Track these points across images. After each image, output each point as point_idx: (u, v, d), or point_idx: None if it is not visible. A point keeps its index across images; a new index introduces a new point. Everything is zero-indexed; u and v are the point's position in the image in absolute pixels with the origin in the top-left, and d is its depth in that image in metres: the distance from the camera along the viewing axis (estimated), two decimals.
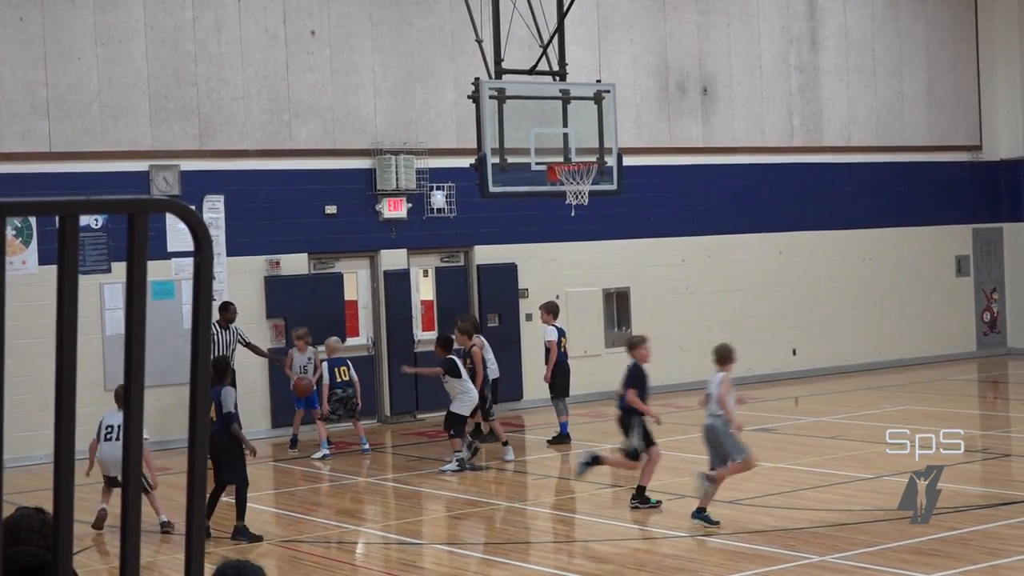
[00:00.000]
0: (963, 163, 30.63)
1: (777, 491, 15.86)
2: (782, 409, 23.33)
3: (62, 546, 2.16)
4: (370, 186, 23.34)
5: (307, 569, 13.26)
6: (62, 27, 21.00)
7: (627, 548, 13.71)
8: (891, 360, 28.75)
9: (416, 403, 23.62)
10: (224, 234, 22.08)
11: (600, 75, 24.27)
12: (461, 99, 22.55)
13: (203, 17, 22.06)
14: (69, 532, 2.16)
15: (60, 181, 20.62)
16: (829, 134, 28.70)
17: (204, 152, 22.06)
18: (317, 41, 22.99)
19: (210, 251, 2.22)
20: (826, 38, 28.64)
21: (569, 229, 24.11)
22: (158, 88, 21.69)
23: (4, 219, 2.11)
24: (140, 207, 2.19)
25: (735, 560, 12.57)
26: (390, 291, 23.60)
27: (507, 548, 13.90)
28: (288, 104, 22.74)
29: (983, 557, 12.26)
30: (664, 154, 26.40)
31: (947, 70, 30.36)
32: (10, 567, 4.16)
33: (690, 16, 26.85)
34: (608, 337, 25.22)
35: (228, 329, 20.68)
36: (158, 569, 13.37)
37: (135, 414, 2.21)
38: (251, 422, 22.01)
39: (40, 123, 20.86)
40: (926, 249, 29.96)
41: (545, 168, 19.60)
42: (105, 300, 21.06)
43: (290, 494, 18.07)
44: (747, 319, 27.24)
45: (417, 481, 18.07)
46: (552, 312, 20.76)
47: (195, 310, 2.28)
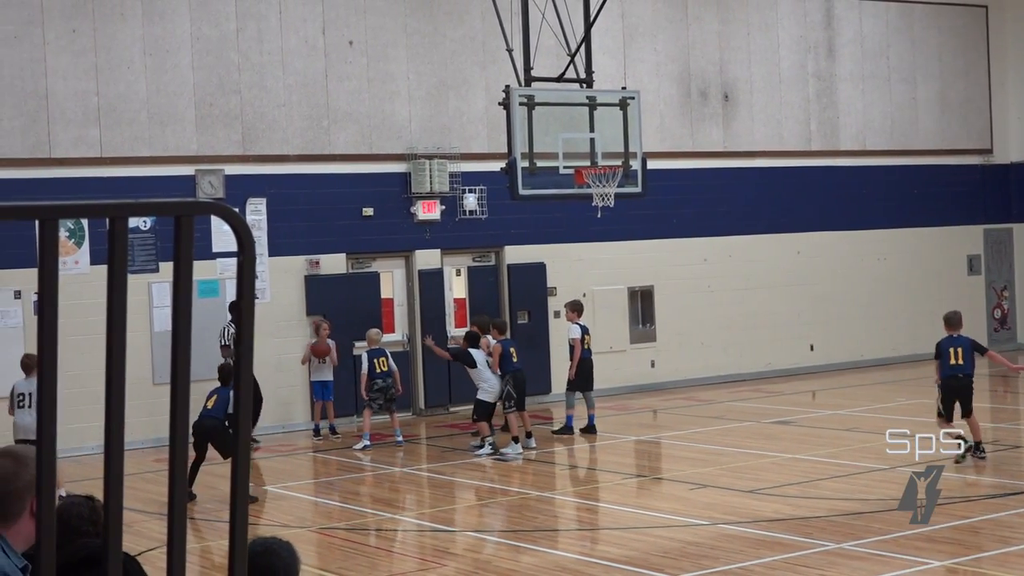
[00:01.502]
0: (974, 166, 30.63)
1: (795, 481, 15.97)
2: (800, 402, 23.52)
3: (112, 532, 2.15)
4: (405, 189, 23.51)
5: (344, 555, 13.33)
6: (112, 39, 21.22)
7: (651, 536, 13.70)
8: (905, 355, 28.70)
9: (449, 396, 23.90)
10: (266, 235, 22.29)
11: (625, 82, 24.47)
12: (492, 106, 22.78)
13: (246, 28, 22.24)
14: (119, 519, 2.16)
15: (110, 185, 20.82)
16: (845, 139, 28.74)
17: (247, 157, 22.24)
18: (354, 51, 23.13)
19: (252, 251, 2.23)
20: (842, 46, 28.68)
21: (595, 230, 24.27)
22: (203, 96, 21.89)
23: (57, 221, 2.09)
24: (186, 209, 2.18)
25: (755, 547, 12.57)
26: (424, 289, 23.82)
27: (535, 535, 13.91)
28: (327, 111, 22.89)
29: (993, 545, 12.31)
30: (687, 158, 26.52)
31: (959, 77, 30.35)
32: (75, 556, 4.26)
33: (711, 25, 26.94)
34: (633, 334, 25.37)
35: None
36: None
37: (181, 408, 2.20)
38: (289, 415, 22.74)
39: (91, 130, 21.06)
40: (938, 249, 30.00)
41: (572, 172, 19.80)
42: (153, 298, 21.23)
43: (328, 483, 18.26)
44: (766, 316, 27.40)
45: (450, 471, 18.21)
46: (577, 310, 20.96)
47: (238, 307, 2.30)
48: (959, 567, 11.63)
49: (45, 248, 2.09)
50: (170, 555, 2.22)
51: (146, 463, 18.37)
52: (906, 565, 11.75)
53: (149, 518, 14.95)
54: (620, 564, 12.36)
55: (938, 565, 11.69)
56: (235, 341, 2.31)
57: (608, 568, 12.24)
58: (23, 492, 3.80)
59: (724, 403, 23.84)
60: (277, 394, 22.23)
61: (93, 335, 19.38)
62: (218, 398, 17.14)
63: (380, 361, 20.42)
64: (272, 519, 15.10)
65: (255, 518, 14.73)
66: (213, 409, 16.86)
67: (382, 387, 20.38)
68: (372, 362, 20.36)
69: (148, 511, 15.34)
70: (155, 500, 16.07)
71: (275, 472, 18.79)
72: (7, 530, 3.83)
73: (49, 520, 2.12)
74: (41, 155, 20.79)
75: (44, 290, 2.08)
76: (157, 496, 16.37)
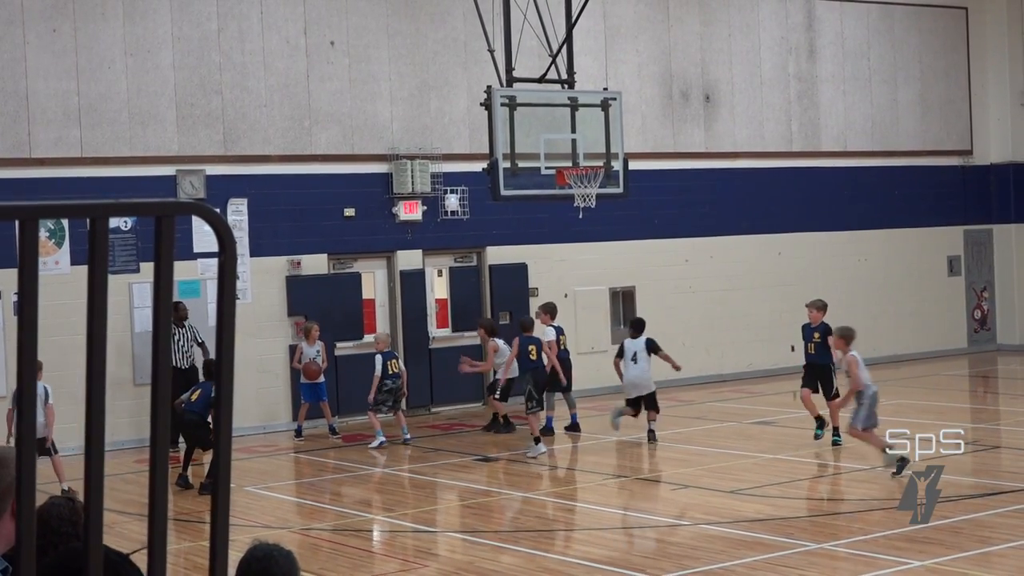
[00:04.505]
0: (955, 167, 30.75)
1: (776, 481, 16.03)
2: (781, 403, 23.41)
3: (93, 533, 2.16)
4: (387, 190, 23.52)
5: (325, 556, 13.38)
6: (93, 38, 21.18)
7: (632, 536, 13.82)
8: (885, 356, 28.72)
9: (431, 397, 24.00)
10: (247, 235, 22.31)
11: (607, 83, 24.46)
12: (474, 106, 22.74)
13: (227, 28, 22.22)
14: (99, 520, 2.16)
15: (91, 185, 20.72)
16: (826, 140, 28.87)
17: (228, 157, 22.22)
18: (336, 51, 23.13)
19: (234, 251, 2.22)
20: (823, 48, 28.79)
21: (577, 230, 24.31)
22: (184, 96, 21.86)
23: (38, 221, 2.07)
24: (167, 210, 2.19)
25: (736, 547, 12.62)
26: (406, 290, 23.83)
27: (517, 536, 13.95)
28: (309, 111, 22.89)
29: (974, 545, 12.36)
30: (668, 159, 26.59)
31: (939, 78, 30.48)
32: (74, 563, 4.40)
33: (693, 27, 26.99)
34: (615, 334, 25.15)
35: (184, 327, 20.88)
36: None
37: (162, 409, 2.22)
38: (273, 415, 22.73)
39: (72, 130, 21.02)
40: (919, 250, 30.11)
41: (554, 172, 19.81)
42: (134, 299, 21.18)
43: (308, 484, 18.32)
44: (747, 317, 27.48)
45: (432, 472, 18.22)
46: (550, 313, 21.02)
47: (219, 308, 2.29)
48: (940, 567, 11.64)
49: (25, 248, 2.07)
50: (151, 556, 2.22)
51: (128, 463, 18.35)
52: (887, 565, 11.79)
53: (130, 519, 14.93)
54: (602, 564, 12.38)
55: (919, 565, 11.70)
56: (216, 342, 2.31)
57: (589, 568, 12.26)
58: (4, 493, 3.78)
59: (705, 403, 23.93)
60: (259, 395, 22.22)
61: (74, 335, 19.53)
62: (201, 392, 17.20)
63: (392, 363, 20.44)
64: (253, 519, 15.06)
65: (237, 518, 14.57)
66: (195, 403, 16.96)
67: (391, 388, 20.40)
68: (385, 364, 20.35)
69: (129, 512, 15.32)
70: (137, 501, 16.07)
71: (257, 473, 18.75)
72: None
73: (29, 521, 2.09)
74: (21, 155, 20.74)
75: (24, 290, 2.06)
76: (139, 497, 16.37)
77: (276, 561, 4.70)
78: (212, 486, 2.33)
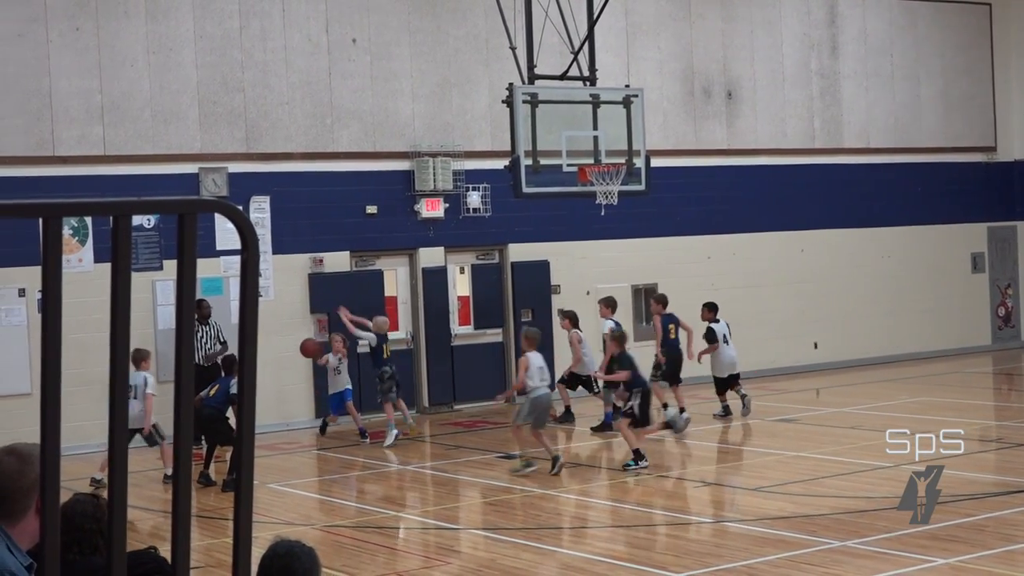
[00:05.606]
0: (978, 164, 30.66)
1: (799, 479, 15.97)
2: (804, 400, 23.49)
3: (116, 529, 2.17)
4: (409, 187, 23.55)
5: (348, 552, 13.35)
6: (115, 37, 21.25)
7: (655, 533, 13.78)
8: (909, 353, 28.77)
9: (453, 394, 24.00)
10: (270, 233, 22.32)
11: (628, 80, 24.45)
12: (495, 104, 22.82)
13: (249, 26, 22.28)
14: (123, 516, 2.17)
15: (114, 183, 20.79)
16: (849, 136, 28.78)
17: (251, 155, 22.27)
18: (358, 49, 23.16)
19: (256, 249, 2.24)
20: (846, 44, 28.72)
21: (599, 228, 24.29)
22: (207, 94, 21.92)
23: (61, 219, 2.09)
24: (190, 207, 2.20)
25: (759, 545, 12.59)
26: (428, 287, 23.86)
27: (539, 533, 13.93)
28: (330, 109, 22.92)
29: (997, 543, 12.28)
30: (690, 156, 26.55)
31: (962, 74, 30.38)
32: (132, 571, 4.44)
33: (715, 23, 26.97)
34: (637, 331, 25.11)
35: (208, 324, 20.91)
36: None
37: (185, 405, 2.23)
38: (294, 412, 22.76)
39: (95, 128, 21.07)
40: (943, 247, 30.03)
41: (576, 169, 19.79)
42: (157, 296, 21.26)
43: (330, 481, 18.33)
44: (770, 314, 27.42)
45: (454, 469, 18.21)
46: (611, 306, 21.24)
47: (242, 305, 2.29)
48: (963, 565, 11.60)
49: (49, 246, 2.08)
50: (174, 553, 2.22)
51: (151, 461, 18.38)
52: (910, 563, 11.74)
53: (154, 516, 15.00)
54: (624, 562, 12.36)
55: (943, 563, 11.67)
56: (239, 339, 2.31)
57: (612, 566, 12.24)
58: (29, 490, 3.80)
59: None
60: (281, 392, 22.25)
61: (97, 333, 19.57)
62: (220, 387, 17.24)
63: (387, 348, 20.50)
64: (275, 516, 15.09)
65: (259, 515, 14.64)
66: (214, 397, 17.02)
67: (392, 374, 20.43)
68: (380, 348, 20.36)
69: (152, 508, 15.38)
70: (159, 497, 16.14)
71: (278, 470, 18.77)
72: (13, 528, 3.84)
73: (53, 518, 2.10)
74: (45, 153, 20.79)
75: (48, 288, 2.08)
76: (161, 493, 16.50)
77: (298, 557, 4.75)
78: (235, 483, 2.35)
